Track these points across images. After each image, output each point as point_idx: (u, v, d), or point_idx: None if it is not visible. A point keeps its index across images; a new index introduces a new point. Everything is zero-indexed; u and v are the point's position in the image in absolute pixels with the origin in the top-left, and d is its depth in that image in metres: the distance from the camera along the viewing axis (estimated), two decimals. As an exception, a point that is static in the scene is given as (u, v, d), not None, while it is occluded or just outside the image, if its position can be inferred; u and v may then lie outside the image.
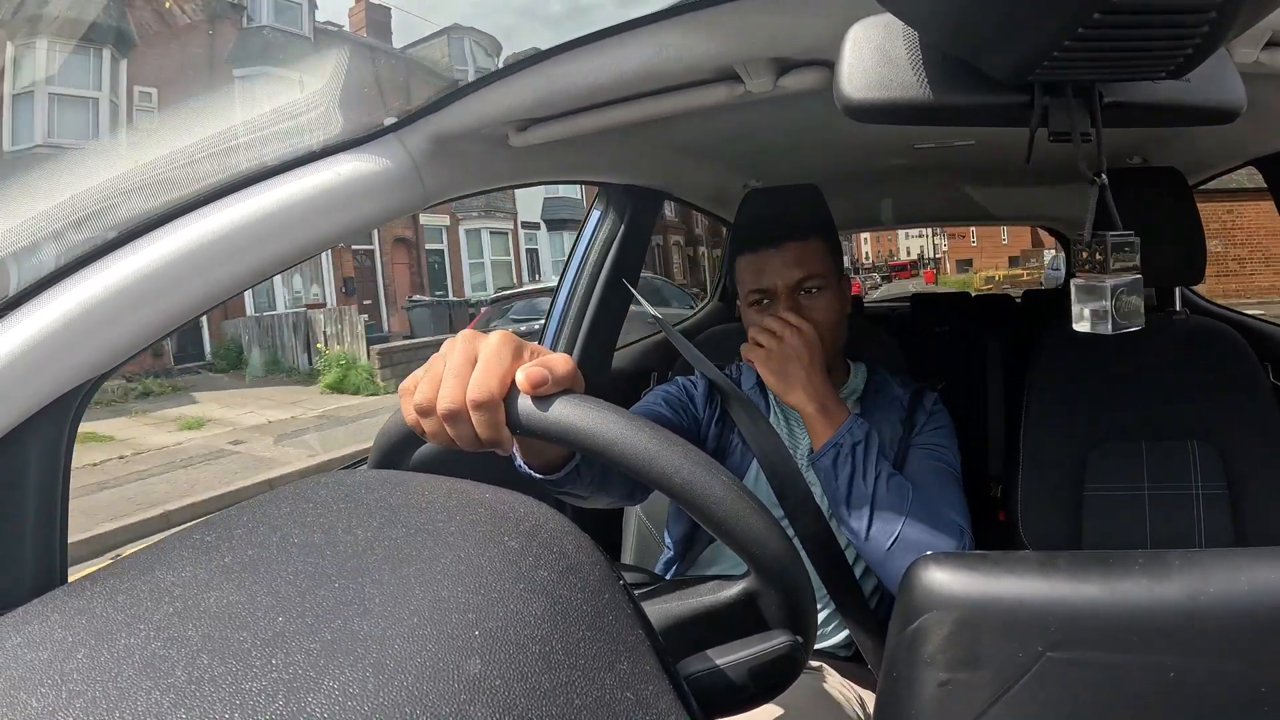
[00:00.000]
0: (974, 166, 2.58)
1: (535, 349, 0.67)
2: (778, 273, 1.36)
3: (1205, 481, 1.58)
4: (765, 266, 1.37)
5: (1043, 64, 0.57)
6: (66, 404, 0.82)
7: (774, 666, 0.63)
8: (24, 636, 0.41)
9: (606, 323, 2.09)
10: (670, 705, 0.44)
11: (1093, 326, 0.71)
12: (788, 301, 1.35)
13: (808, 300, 1.36)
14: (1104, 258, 0.70)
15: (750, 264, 1.39)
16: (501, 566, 0.46)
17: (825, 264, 1.39)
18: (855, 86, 0.66)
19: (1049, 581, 0.55)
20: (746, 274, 1.40)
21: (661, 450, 0.59)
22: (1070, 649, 0.52)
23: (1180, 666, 0.51)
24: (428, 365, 0.69)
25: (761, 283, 1.37)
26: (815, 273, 1.36)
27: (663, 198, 2.19)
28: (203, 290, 0.88)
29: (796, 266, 1.35)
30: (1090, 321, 0.71)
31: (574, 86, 1.06)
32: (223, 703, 0.36)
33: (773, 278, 1.36)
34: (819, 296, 1.37)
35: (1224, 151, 2.08)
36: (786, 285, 1.35)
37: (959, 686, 0.54)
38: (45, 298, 0.80)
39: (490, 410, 0.63)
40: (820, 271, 1.37)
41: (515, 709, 0.38)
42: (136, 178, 0.92)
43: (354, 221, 1.00)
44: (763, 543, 0.61)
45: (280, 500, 0.54)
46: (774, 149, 2.04)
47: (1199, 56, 0.56)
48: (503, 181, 1.41)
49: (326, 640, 0.39)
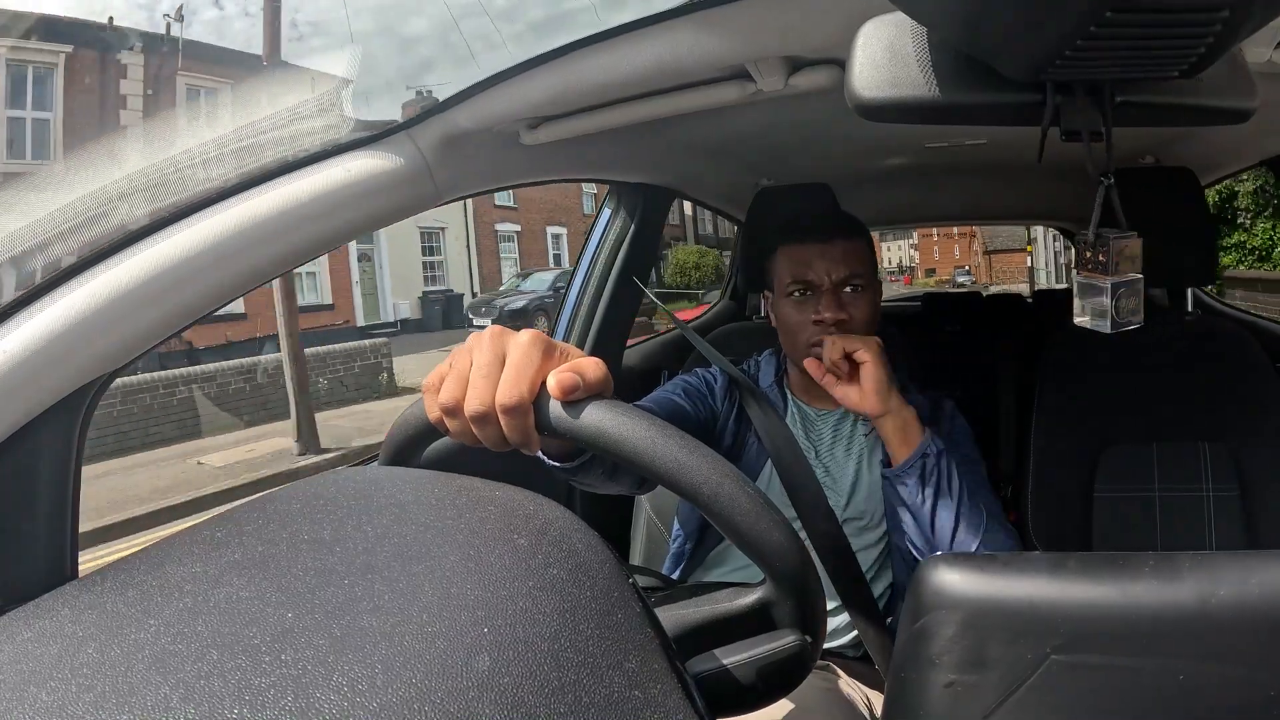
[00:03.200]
0: (985, 165, 2.57)
1: (565, 349, 0.66)
2: (826, 267, 1.36)
3: (1216, 484, 1.57)
4: (813, 260, 1.37)
5: (1055, 63, 0.57)
6: (78, 400, 0.83)
7: (783, 666, 0.63)
8: (35, 631, 0.41)
9: (617, 320, 2.09)
10: (678, 704, 0.44)
11: (1093, 323, 0.71)
12: (831, 297, 1.35)
13: (850, 298, 1.36)
14: (1106, 258, 0.70)
15: (795, 255, 1.39)
16: (511, 564, 0.46)
17: (868, 265, 1.39)
18: (866, 85, 0.66)
19: (1059, 583, 0.54)
20: (789, 265, 1.40)
21: (690, 460, 0.59)
22: (1080, 651, 0.52)
23: (1191, 670, 0.50)
24: (452, 361, 0.67)
25: (807, 275, 1.37)
26: (860, 271, 1.37)
27: (673, 196, 2.20)
28: (213, 287, 0.88)
29: (844, 263, 1.36)
30: (1090, 318, 0.72)
31: (585, 84, 1.05)
32: (232, 698, 0.36)
33: (820, 272, 1.36)
34: (861, 295, 1.37)
35: (1236, 152, 2.07)
36: (833, 281, 1.35)
37: (966, 687, 0.54)
38: (58, 294, 0.80)
39: (519, 414, 0.62)
40: (864, 271, 1.38)
41: (524, 706, 0.38)
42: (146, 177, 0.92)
43: (364, 219, 1.00)
44: (784, 556, 0.61)
45: (290, 497, 0.54)
46: (785, 147, 2.04)
47: (1211, 56, 0.56)
48: (514, 179, 1.42)
49: (335, 636, 0.39)
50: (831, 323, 1.33)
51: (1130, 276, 0.70)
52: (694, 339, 1.16)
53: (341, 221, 0.97)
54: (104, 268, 0.82)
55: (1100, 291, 0.70)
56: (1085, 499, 1.63)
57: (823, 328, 1.34)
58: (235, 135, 0.97)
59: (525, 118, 1.18)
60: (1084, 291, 0.72)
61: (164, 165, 0.93)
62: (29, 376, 0.77)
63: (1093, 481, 1.63)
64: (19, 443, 0.78)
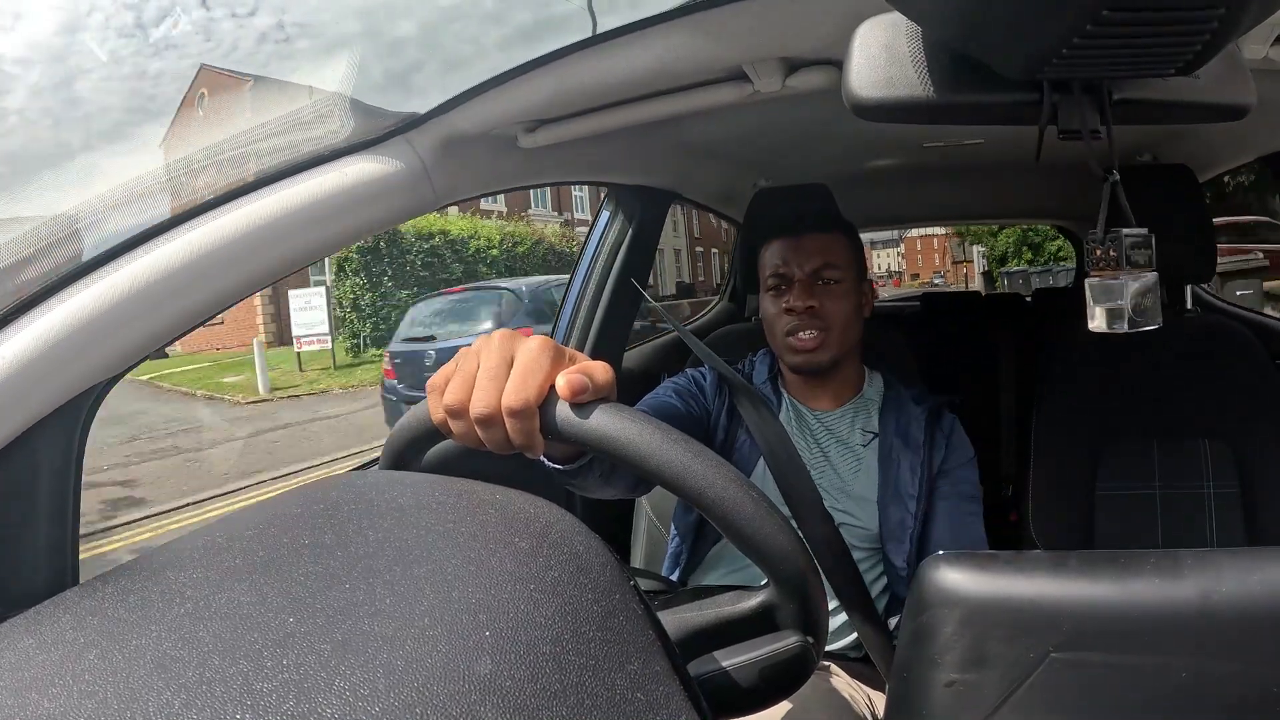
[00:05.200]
0: (983, 165, 2.58)
1: (574, 355, 0.66)
2: (797, 260, 1.41)
3: (1218, 481, 1.57)
4: (787, 253, 1.42)
5: (1052, 61, 0.57)
6: (78, 407, 0.83)
7: (785, 667, 0.63)
8: (36, 638, 0.41)
9: (616, 323, 2.09)
10: (681, 706, 0.44)
11: (1109, 326, 0.69)
12: (802, 287, 1.39)
13: (823, 290, 1.40)
14: (1119, 255, 0.69)
15: (773, 251, 1.45)
16: (512, 567, 0.46)
17: (845, 259, 1.42)
18: (863, 85, 0.66)
19: (1060, 581, 0.54)
20: (768, 260, 1.45)
21: (695, 464, 0.59)
22: (1081, 649, 0.52)
23: (1192, 667, 0.50)
24: (458, 362, 0.67)
25: (781, 268, 1.42)
26: (834, 264, 1.40)
27: (671, 198, 2.20)
28: (212, 293, 0.88)
29: (816, 255, 1.40)
30: (1106, 320, 0.70)
31: (583, 87, 1.06)
32: (234, 703, 0.36)
33: (792, 265, 1.41)
34: (835, 288, 1.40)
35: (1234, 148, 2.08)
36: (804, 272, 1.40)
37: (968, 686, 0.54)
38: (57, 300, 0.80)
39: (526, 418, 0.62)
40: (839, 264, 1.41)
41: (526, 710, 0.38)
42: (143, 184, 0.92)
43: (363, 224, 1.00)
44: (788, 560, 0.61)
45: (291, 501, 0.54)
46: (783, 148, 2.04)
47: (1208, 53, 0.56)
48: (512, 183, 1.42)
49: (337, 641, 0.39)
50: (801, 310, 1.37)
51: (1146, 274, 0.69)
52: (688, 338, 1.16)
53: (340, 227, 0.97)
54: (104, 274, 0.82)
55: (1116, 292, 0.69)
56: (1086, 497, 1.63)
57: (794, 317, 1.38)
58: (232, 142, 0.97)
59: (523, 121, 1.18)
60: (1098, 294, 0.70)
61: (160, 172, 0.93)
62: (29, 383, 0.77)
63: (1094, 479, 1.63)
64: (19, 450, 0.78)
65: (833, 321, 1.38)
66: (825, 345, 1.38)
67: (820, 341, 1.38)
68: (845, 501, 1.39)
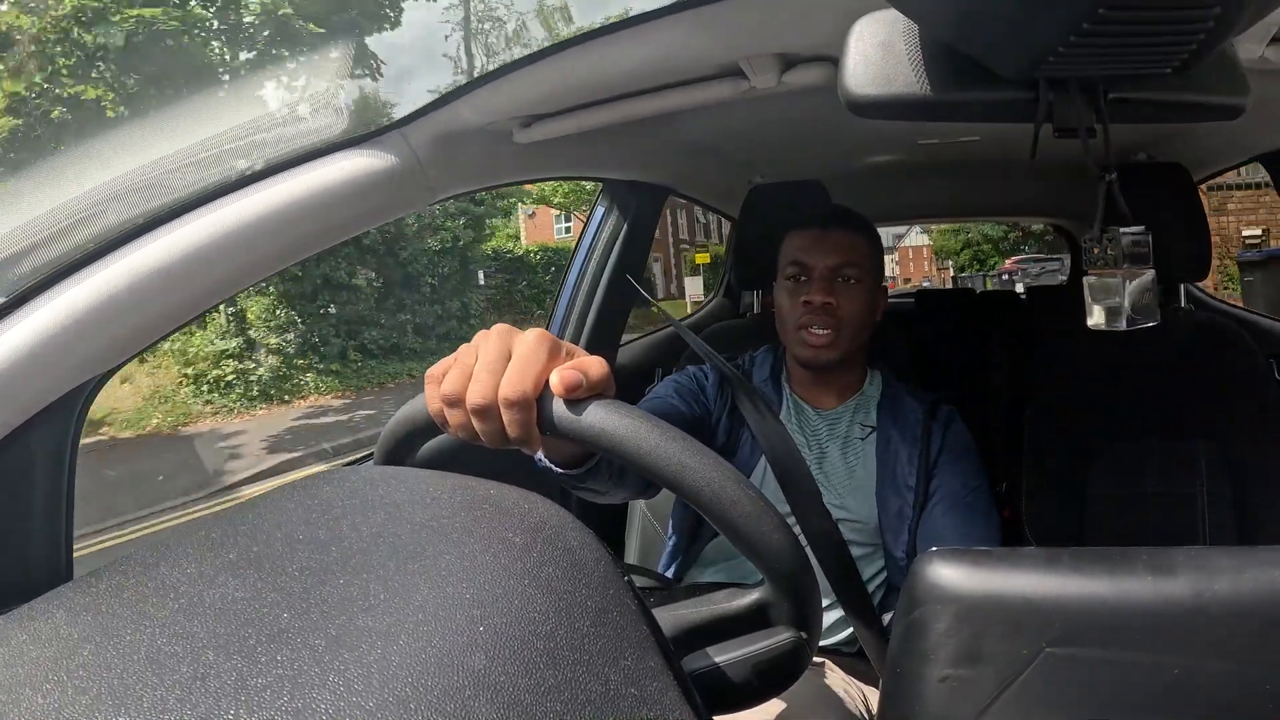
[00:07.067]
0: (978, 163, 2.58)
1: (571, 349, 0.66)
2: (821, 253, 1.40)
3: (1210, 480, 1.58)
4: (812, 245, 1.42)
5: (1047, 59, 0.57)
6: (71, 402, 0.82)
7: (779, 663, 0.63)
8: (30, 633, 0.41)
9: (610, 319, 2.09)
10: (674, 701, 0.44)
11: (1107, 323, 0.70)
12: (822, 283, 1.39)
13: (842, 287, 1.40)
14: (1116, 252, 0.69)
15: (796, 240, 1.44)
16: (506, 563, 0.46)
17: (866, 260, 1.43)
18: (859, 82, 0.66)
19: (1053, 577, 0.54)
20: (790, 249, 1.45)
21: (692, 462, 0.59)
22: (1073, 645, 0.52)
23: (1185, 664, 0.51)
24: (458, 355, 0.67)
25: (802, 259, 1.41)
26: (855, 263, 1.41)
27: (667, 193, 2.20)
28: (204, 287, 0.88)
29: (839, 252, 1.40)
30: (1105, 318, 0.70)
31: (578, 82, 1.06)
32: (228, 698, 0.36)
33: (816, 256, 1.40)
34: (853, 287, 1.40)
35: (1229, 147, 2.08)
36: (827, 266, 1.40)
37: (961, 681, 0.54)
38: (49, 296, 0.79)
39: (522, 409, 0.62)
40: (860, 264, 1.41)
41: (519, 705, 0.38)
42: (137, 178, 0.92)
43: (358, 218, 1.00)
44: (783, 558, 0.61)
45: (285, 496, 0.54)
46: (778, 145, 2.04)
47: (1203, 52, 0.56)
48: (507, 178, 1.41)
49: (331, 636, 0.39)
50: (819, 306, 1.37)
51: (1144, 271, 0.69)
52: (687, 335, 1.16)
53: (335, 220, 0.97)
54: (95, 269, 0.82)
55: (1114, 289, 0.69)
56: (1079, 495, 1.63)
57: (810, 310, 1.38)
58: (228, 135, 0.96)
59: (518, 115, 1.18)
60: (1096, 292, 0.71)
61: (154, 166, 0.93)
62: (21, 379, 0.76)
63: (1087, 477, 1.63)
64: (12, 446, 0.78)
65: (846, 320, 1.38)
66: (835, 344, 1.38)
67: (831, 339, 1.38)
68: (844, 496, 1.40)
